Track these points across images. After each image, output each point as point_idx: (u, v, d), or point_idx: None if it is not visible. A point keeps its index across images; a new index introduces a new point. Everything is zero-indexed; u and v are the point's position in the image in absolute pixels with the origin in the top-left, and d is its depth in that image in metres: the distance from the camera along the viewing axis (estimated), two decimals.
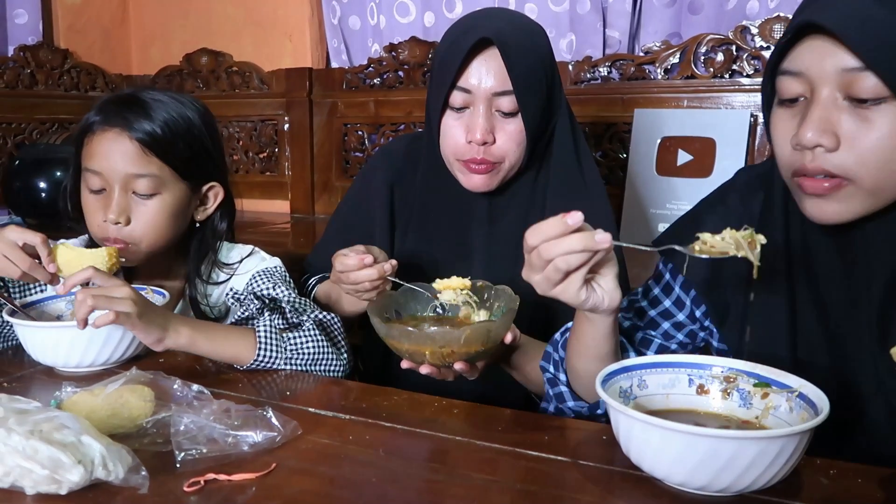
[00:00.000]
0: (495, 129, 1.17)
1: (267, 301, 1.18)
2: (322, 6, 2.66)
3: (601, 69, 2.20)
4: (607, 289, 0.85)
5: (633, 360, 0.84)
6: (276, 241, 2.27)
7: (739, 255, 0.78)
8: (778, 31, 1.97)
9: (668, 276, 1.05)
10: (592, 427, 0.87)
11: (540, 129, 1.21)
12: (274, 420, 0.82)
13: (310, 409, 0.92)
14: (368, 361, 1.39)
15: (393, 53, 2.52)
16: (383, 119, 2.54)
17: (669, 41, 2.14)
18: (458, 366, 1.00)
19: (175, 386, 0.87)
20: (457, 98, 1.17)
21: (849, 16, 0.77)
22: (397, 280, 1.11)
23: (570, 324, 1.05)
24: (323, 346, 1.10)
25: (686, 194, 2.02)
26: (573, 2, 2.23)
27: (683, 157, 2.04)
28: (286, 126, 2.72)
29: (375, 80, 2.57)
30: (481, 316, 1.08)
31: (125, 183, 1.15)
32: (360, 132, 2.60)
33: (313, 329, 1.11)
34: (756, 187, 0.97)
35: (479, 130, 1.15)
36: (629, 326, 1.05)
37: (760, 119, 1.99)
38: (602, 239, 0.79)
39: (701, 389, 0.84)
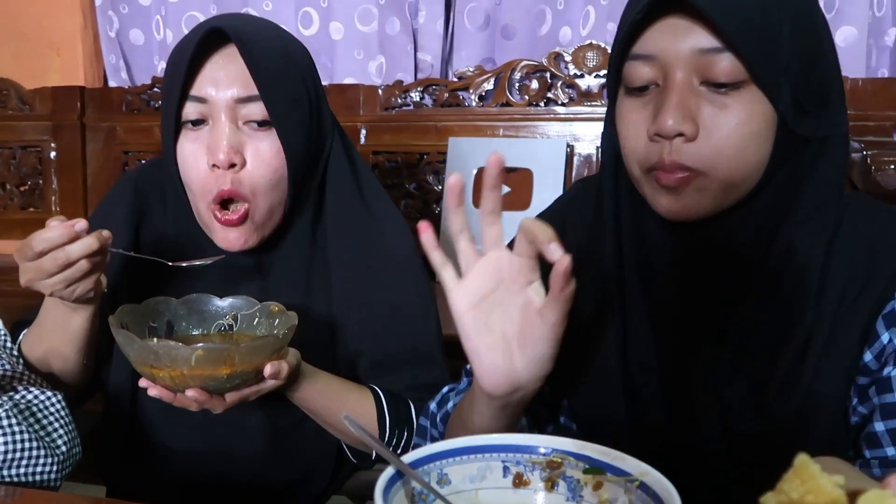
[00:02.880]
0: (244, 146, 0.92)
1: None
2: (97, 17, 2.31)
3: (413, 94, 2.03)
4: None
5: (429, 447, 0.63)
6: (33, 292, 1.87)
7: None
8: (591, 58, 1.90)
9: None
10: None
11: (305, 154, 0.97)
12: None
13: None
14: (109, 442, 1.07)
15: None
16: None
17: (483, 66, 2.01)
18: (190, 393, 0.80)
19: None
20: (191, 110, 0.91)
21: None
22: (130, 253, 0.93)
23: (458, 385, 0.90)
24: (21, 441, 0.79)
25: (504, 229, 1.88)
26: (382, 22, 2.06)
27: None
28: (53, 153, 2.31)
29: (161, 102, 2.24)
30: None
31: None
32: (143, 161, 2.25)
33: (8, 417, 0.80)
34: (590, 196, 0.86)
35: (222, 149, 0.89)
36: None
37: (577, 149, 1.90)
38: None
39: (519, 480, 0.64)
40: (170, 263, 0.91)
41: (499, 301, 0.68)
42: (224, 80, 0.90)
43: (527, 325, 0.67)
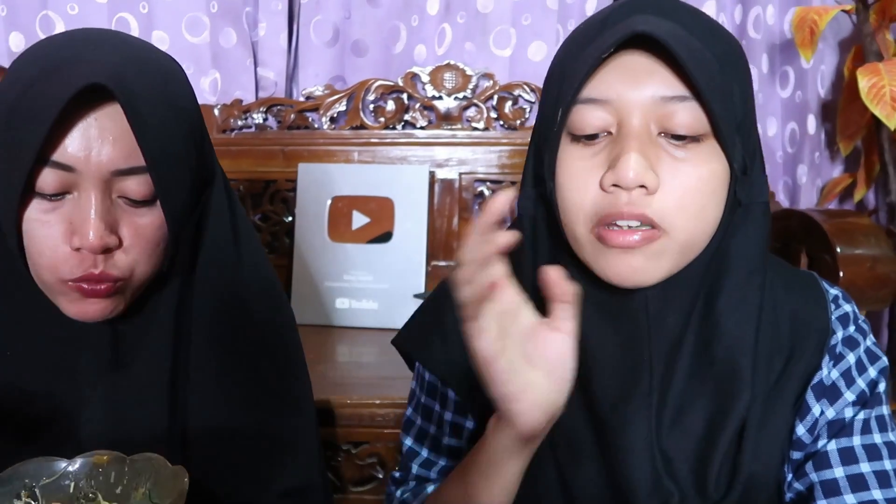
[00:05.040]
0: (119, 225, 0.70)
1: None
2: None
3: (255, 115, 1.82)
4: None
5: None
6: None
7: None
8: (450, 79, 1.79)
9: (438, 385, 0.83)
10: None
11: (189, 214, 0.77)
12: None
13: None
14: None
15: None
16: None
17: (333, 85, 1.84)
18: None
19: None
20: (48, 180, 0.67)
21: (673, 35, 0.63)
22: None
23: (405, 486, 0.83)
24: None
25: (365, 262, 1.72)
26: (215, 33, 1.82)
27: (359, 219, 1.74)
28: None
29: None
30: None
31: None
32: None
33: None
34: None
35: (95, 232, 0.67)
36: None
37: (439, 175, 1.79)
38: None
39: None
40: None
41: (508, 334, 0.59)
42: (99, 144, 0.66)
43: (542, 346, 0.59)
